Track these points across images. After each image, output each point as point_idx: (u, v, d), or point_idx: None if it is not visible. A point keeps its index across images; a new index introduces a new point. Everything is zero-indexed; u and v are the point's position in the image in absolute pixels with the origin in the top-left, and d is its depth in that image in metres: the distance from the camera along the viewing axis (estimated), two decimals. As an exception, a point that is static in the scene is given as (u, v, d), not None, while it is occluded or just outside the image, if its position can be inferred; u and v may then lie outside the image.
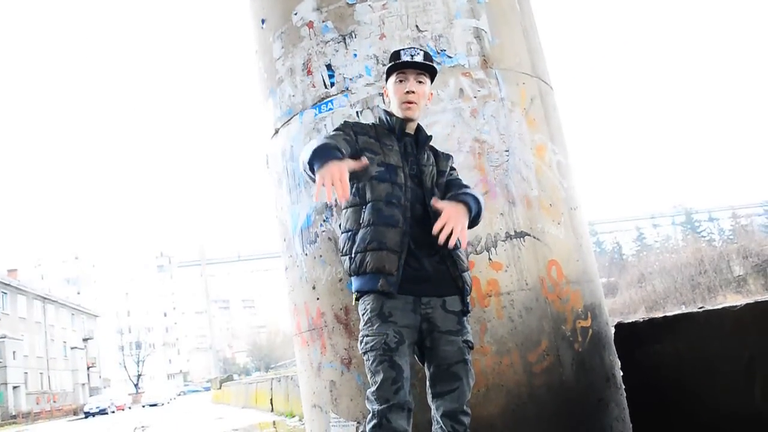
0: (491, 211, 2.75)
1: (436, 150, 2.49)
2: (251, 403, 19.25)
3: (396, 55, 2.36)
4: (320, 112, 3.02)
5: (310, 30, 3.06)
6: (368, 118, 2.79)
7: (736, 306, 2.65)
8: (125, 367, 72.90)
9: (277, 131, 3.26)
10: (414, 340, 2.18)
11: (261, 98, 3.45)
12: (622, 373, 3.08)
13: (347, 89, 2.95)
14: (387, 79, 2.40)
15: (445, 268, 2.21)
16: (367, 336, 2.15)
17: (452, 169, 2.48)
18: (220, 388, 34.39)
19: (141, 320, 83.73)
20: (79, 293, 79.34)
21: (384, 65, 2.88)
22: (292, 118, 3.15)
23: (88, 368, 58.53)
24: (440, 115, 2.84)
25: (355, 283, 2.24)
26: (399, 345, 2.11)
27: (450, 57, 2.91)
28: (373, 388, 2.09)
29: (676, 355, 2.89)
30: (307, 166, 2.07)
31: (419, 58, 2.32)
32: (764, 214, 72.32)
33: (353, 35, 2.97)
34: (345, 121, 2.42)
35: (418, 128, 2.42)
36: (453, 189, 2.35)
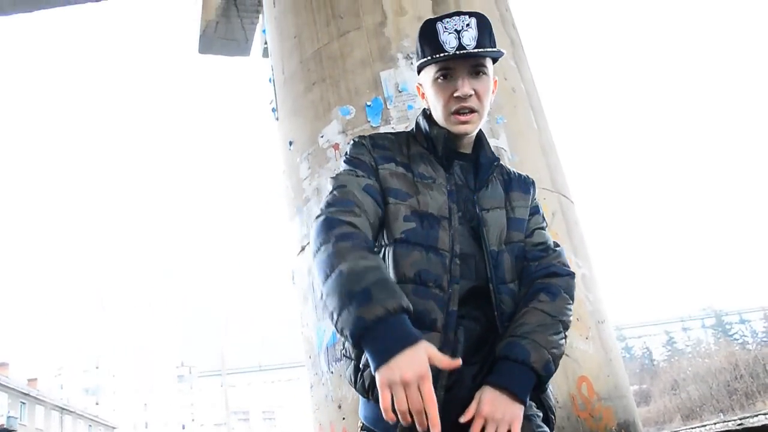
0: (518, 327, 2.73)
1: (508, 172, 1.50)
2: None
3: (431, 33, 1.33)
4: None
5: (336, 152, 3.18)
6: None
7: (775, 424, 2.57)
8: (141, 482, 70.46)
9: (303, 249, 3.32)
10: None
11: (288, 216, 3.55)
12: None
13: (372, 208, 3.02)
14: (420, 71, 1.42)
15: None
16: None
17: (535, 210, 1.47)
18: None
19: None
20: (97, 404, 78.09)
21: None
22: (318, 236, 3.21)
23: (102, 484, 56.60)
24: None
25: (362, 409, 1.35)
26: None
27: (471, 175, 2.99)
28: None
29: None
30: (348, 335, 1.10)
31: (470, 40, 1.29)
32: (798, 315, 70.35)
33: (377, 156, 3.07)
34: (358, 139, 1.49)
35: (479, 142, 1.44)
36: (528, 275, 1.37)
